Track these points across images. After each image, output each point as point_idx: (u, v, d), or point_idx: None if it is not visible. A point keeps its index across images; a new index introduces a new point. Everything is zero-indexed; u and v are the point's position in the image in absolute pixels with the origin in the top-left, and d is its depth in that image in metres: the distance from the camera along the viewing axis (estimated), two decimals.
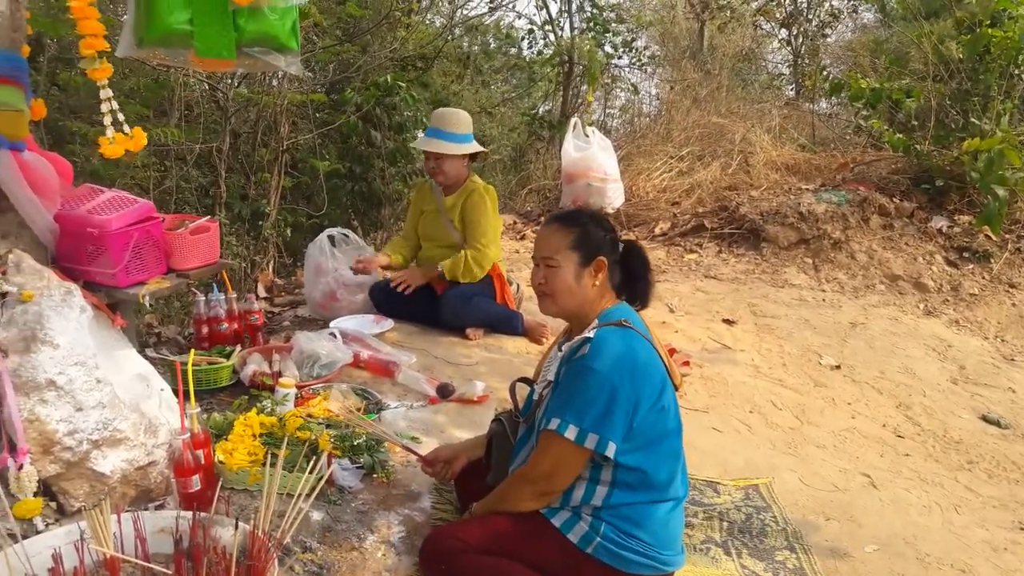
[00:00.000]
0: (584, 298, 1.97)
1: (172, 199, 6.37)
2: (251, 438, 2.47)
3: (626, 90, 9.98)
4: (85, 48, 2.26)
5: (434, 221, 4.01)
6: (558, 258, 1.96)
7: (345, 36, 7.88)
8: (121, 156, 2.44)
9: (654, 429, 1.88)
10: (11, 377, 1.97)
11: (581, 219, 2.02)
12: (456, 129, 3.84)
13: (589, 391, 1.80)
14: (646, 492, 1.89)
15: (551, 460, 1.85)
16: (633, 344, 1.87)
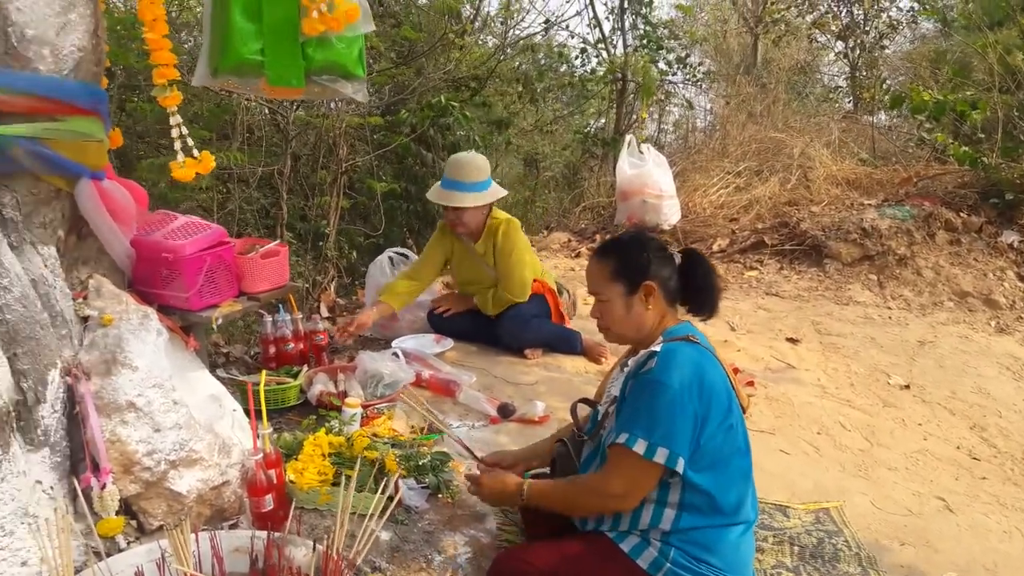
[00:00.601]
0: (641, 324, 1.95)
1: (234, 221, 6.54)
2: (320, 458, 2.50)
3: (680, 106, 9.93)
4: (158, 77, 2.35)
5: (470, 267, 3.98)
6: (604, 292, 1.97)
7: (400, 59, 8.01)
8: (191, 179, 2.51)
9: (722, 449, 1.84)
10: (93, 399, 2.04)
11: (616, 248, 2.01)
12: (473, 178, 3.69)
13: (657, 404, 1.77)
14: (715, 516, 1.85)
15: (624, 478, 1.81)
16: (700, 358, 1.84)
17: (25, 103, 1.97)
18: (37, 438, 1.98)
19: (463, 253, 3.95)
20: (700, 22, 11.79)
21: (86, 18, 2.09)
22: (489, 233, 3.82)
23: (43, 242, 2.10)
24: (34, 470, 1.95)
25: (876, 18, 10.18)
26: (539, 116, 9.84)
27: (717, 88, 10.41)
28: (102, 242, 2.33)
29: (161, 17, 2.28)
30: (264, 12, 2.23)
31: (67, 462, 2.07)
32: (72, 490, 2.05)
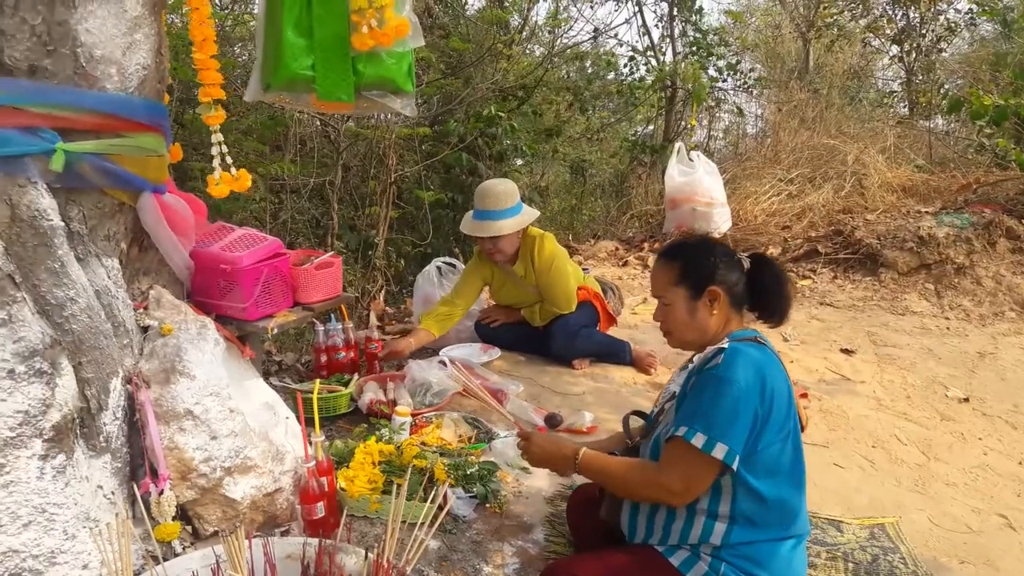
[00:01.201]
0: (704, 329, 1.93)
1: (287, 231, 6.67)
2: (371, 466, 2.54)
3: (730, 112, 9.83)
4: (203, 96, 2.42)
5: (511, 290, 3.98)
6: (667, 295, 1.95)
7: (449, 69, 8.09)
8: (225, 195, 2.58)
9: (778, 457, 1.81)
10: (153, 407, 2.10)
11: (683, 251, 1.98)
12: (504, 204, 3.66)
13: (720, 401, 1.74)
14: (767, 529, 1.82)
15: (681, 472, 1.77)
16: (766, 361, 1.81)
17: (92, 120, 2.04)
18: (99, 444, 2.05)
19: (503, 278, 3.95)
20: (751, 28, 11.65)
21: (150, 37, 2.16)
22: (525, 253, 3.79)
23: (107, 254, 2.18)
24: (96, 475, 2.02)
25: (933, 20, 9.95)
26: (587, 124, 9.84)
27: (768, 94, 10.28)
28: (163, 254, 2.41)
29: (210, 38, 2.35)
30: (315, 28, 2.28)
31: (127, 468, 2.14)
32: (131, 495, 2.11)
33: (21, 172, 1.89)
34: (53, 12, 1.94)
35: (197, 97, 5.98)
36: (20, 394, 1.78)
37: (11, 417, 1.76)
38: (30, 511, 1.79)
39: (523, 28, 9.00)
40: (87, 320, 2.01)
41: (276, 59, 2.34)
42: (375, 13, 2.23)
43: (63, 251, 1.98)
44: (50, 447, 1.84)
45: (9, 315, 1.79)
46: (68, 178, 2.01)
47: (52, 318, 1.94)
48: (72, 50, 1.99)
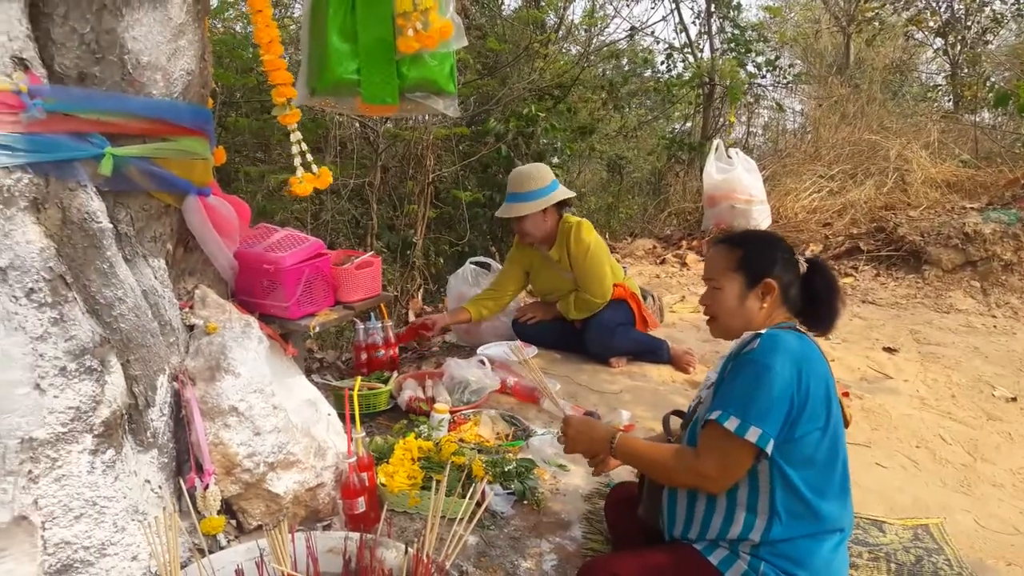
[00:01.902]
0: (749, 321, 1.91)
1: (327, 231, 6.76)
2: (410, 462, 2.57)
3: (769, 108, 9.71)
4: (277, 96, 2.45)
5: (548, 276, 3.99)
6: (721, 280, 1.92)
7: (485, 70, 8.12)
8: (308, 193, 2.62)
9: (818, 448, 1.78)
10: (198, 404, 2.15)
11: (749, 239, 1.96)
12: (528, 187, 3.74)
13: (755, 384, 1.73)
14: (807, 522, 1.79)
15: (717, 458, 1.76)
16: (804, 347, 1.79)
17: (139, 125, 2.10)
18: (147, 440, 2.11)
19: (540, 263, 3.98)
20: (790, 23, 11.49)
21: (194, 43, 2.22)
22: (562, 238, 3.83)
23: (153, 255, 2.24)
24: (143, 470, 2.07)
25: (978, 12, 9.70)
26: (623, 122, 9.79)
27: (808, 90, 10.14)
28: (207, 254, 2.47)
29: (276, 39, 2.39)
30: (359, 33, 2.31)
31: (173, 463, 2.19)
32: (178, 489, 2.17)
33: (72, 176, 1.95)
34: (101, 21, 2.00)
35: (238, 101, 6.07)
36: (71, 391, 1.84)
37: (63, 413, 1.82)
38: (81, 504, 1.85)
39: (559, 27, 9.00)
40: (135, 319, 2.07)
41: (321, 64, 2.38)
42: (420, 16, 2.26)
43: (112, 252, 2.04)
44: (100, 442, 1.90)
45: (61, 314, 1.85)
46: (116, 181, 2.07)
47: (101, 317, 2.00)
48: (119, 57, 2.04)
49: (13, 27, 1.82)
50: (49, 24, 1.96)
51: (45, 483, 1.79)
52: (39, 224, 1.86)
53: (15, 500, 1.75)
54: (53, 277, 1.84)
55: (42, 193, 1.88)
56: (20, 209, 1.81)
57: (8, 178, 1.78)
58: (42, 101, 1.84)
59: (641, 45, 9.73)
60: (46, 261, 1.84)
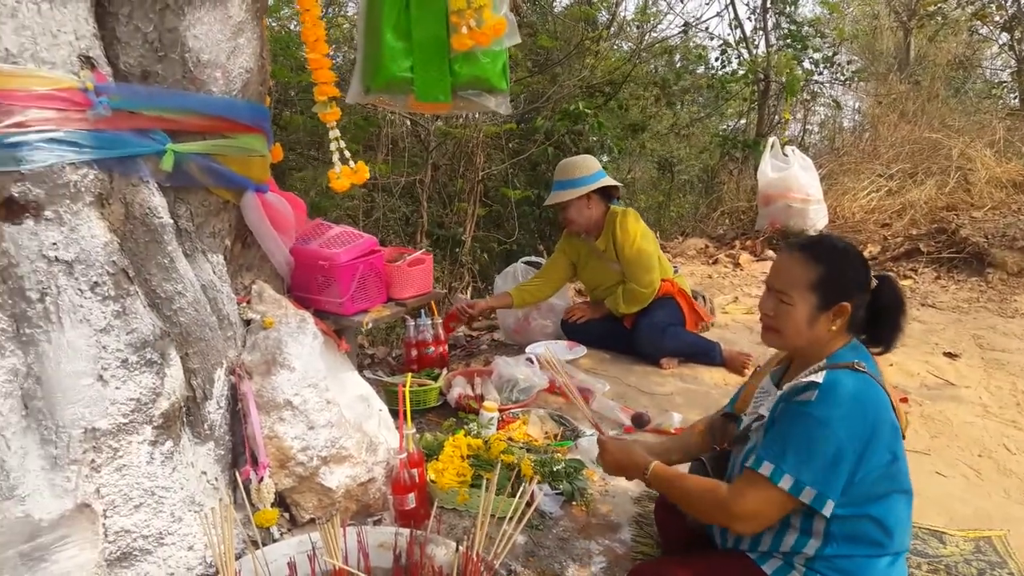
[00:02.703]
0: (815, 340, 1.79)
1: (379, 228, 6.83)
2: (459, 459, 2.57)
3: (826, 106, 9.50)
4: (319, 94, 2.49)
5: (595, 267, 3.98)
6: (793, 295, 1.76)
7: (536, 67, 8.11)
8: (346, 188, 2.65)
9: (880, 481, 1.71)
10: (254, 397, 2.18)
11: (831, 255, 1.78)
12: (571, 175, 3.80)
13: (813, 442, 1.63)
14: (865, 546, 1.74)
15: (754, 504, 1.70)
16: (864, 391, 1.68)
17: (199, 122, 2.14)
18: (204, 432, 2.15)
19: (587, 254, 3.98)
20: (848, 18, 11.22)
21: (253, 41, 2.25)
22: (608, 228, 3.84)
23: (212, 250, 2.28)
24: (200, 462, 2.11)
25: None
26: (675, 119, 9.69)
27: (866, 87, 9.89)
28: (264, 250, 2.51)
29: (322, 38, 2.42)
30: (413, 31, 2.32)
31: (229, 455, 2.23)
32: (233, 481, 2.20)
33: (134, 172, 2.00)
34: (164, 20, 2.04)
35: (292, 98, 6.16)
36: (133, 383, 1.88)
37: (124, 404, 1.87)
38: (141, 494, 1.89)
39: (611, 24, 8.94)
40: (194, 313, 2.11)
41: (376, 62, 2.40)
42: (474, 14, 2.26)
43: (172, 247, 2.08)
44: (159, 434, 1.94)
45: (123, 307, 1.89)
46: (177, 177, 2.11)
47: (162, 311, 2.05)
48: (181, 55, 2.08)
49: (81, 26, 1.87)
50: (114, 23, 2.01)
51: (107, 472, 1.84)
52: (103, 219, 1.91)
53: (78, 488, 1.79)
54: (116, 271, 1.89)
55: (106, 189, 1.92)
56: (86, 204, 1.86)
57: (75, 174, 1.83)
58: (108, 99, 1.89)
59: (694, 41, 9.59)
60: (110, 255, 1.88)
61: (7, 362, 1.77)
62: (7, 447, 1.74)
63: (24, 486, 1.74)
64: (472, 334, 4.77)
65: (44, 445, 1.79)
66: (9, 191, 1.75)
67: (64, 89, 1.81)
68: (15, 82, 1.74)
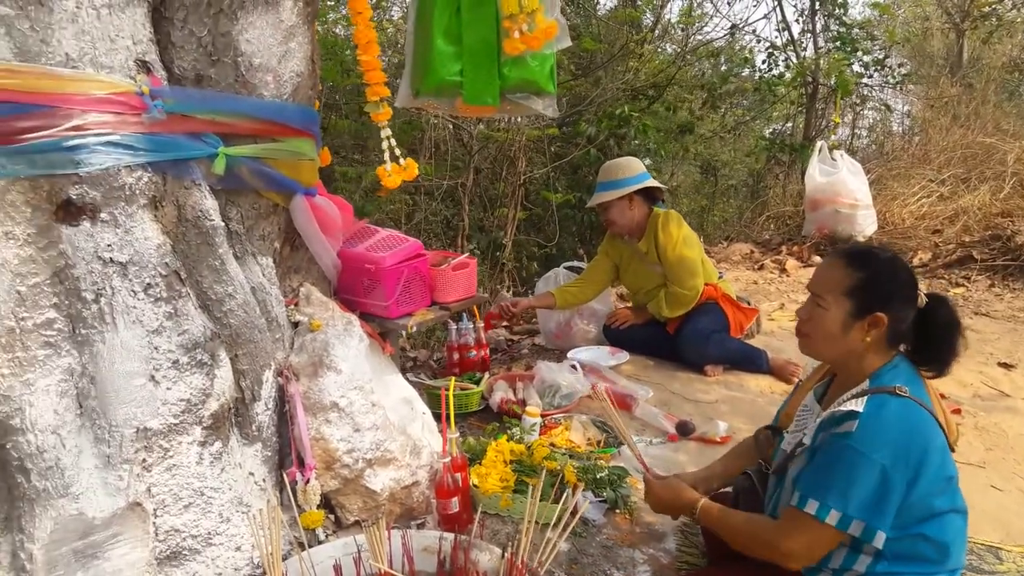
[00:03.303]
0: (847, 351, 1.75)
1: (420, 232, 6.86)
2: (502, 464, 2.56)
3: (875, 109, 9.31)
4: (371, 95, 2.51)
5: (637, 269, 3.95)
6: (828, 299, 1.74)
7: (579, 70, 8.08)
8: (397, 186, 2.67)
9: (933, 503, 1.66)
10: (301, 399, 2.20)
11: (873, 262, 1.74)
12: (613, 177, 3.80)
13: (856, 475, 1.59)
14: (918, 564, 1.69)
15: (801, 543, 1.67)
16: (911, 419, 1.63)
17: (250, 126, 2.16)
18: (252, 433, 2.16)
19: (630, 256, 3.96)
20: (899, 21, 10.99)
21: (304, 45, 2.27)
22: (650, 229, 3.82)
23: (262, 253, 2.30)
24: (248, 463, 2.13)
25: None
26: (721, 122, 9.58)
27: (916, 90, 9.67)
28: (312, 253, 2.52)
29: (374, 40, 2.44)
30: (464, 34, 2.33)
31: (276, 457, 2.25)
32: (279, 483, 2.22)
33: (187, 175, 2.02)
34: (218, 24, 2.07)
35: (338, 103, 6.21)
36: (183, 384, 1.90)
37: (175, 405, 1.89)
38: (190, 494, 1.92)
39: (655, 26, 8.87)
40: (244, 315, 2.13)
41: (426, 66, 2.41)
42: (526, 18, 2.26)
43: (223, 249, 2.10)
44: (208, 434, 1.96)
45: (175, 309, 1.92)
46: (228, 180, 2.14)
47: (212, 312, 2.07)
48: (233, 59, 2.11)
49: (138, 31, 1.90)
50: (169, 27, 2.04)
51: (157, 472, 1.86)
52: (157, 221, 1.93)
53: (130, 487, 1.82)
54: (169, 273, 1.91)
55: (160, 191, 1.95)
56: (140, 206, 1.89)
57: (130, 176, 1.86)
58: (162, 102, 1.91)
59: (739, 44, 9.48)
60: (162, 257, 1.91)
61: (63, 361, 1.80)
62: (62, 445, 1.77)
63: (78, 484, 1.77)
64: (513, 338, 4.76)
65: (97, 444, 1.81)
66: (67, 193, 1.79)
67: (121, 93, 1.84)
68: (74, 86, 1.77)
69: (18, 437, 1.74)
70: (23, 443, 1.74)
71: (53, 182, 1.77)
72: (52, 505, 1.75)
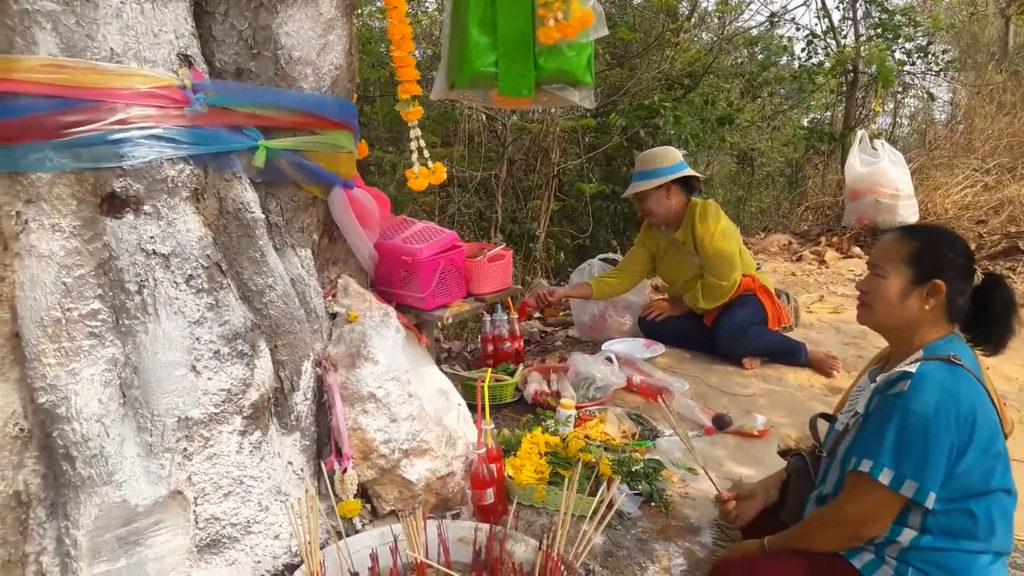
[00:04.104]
0: (905, 319, 1.78)
1: (453, 223, 6.88)
2: (537, 456, 2.56)
3: (917, 97, 9.11)
4: (402, 92, 2.50)
5: (673, 259, 3.91)
6: (887, 268, 1.79)
7: (614, 60, 8.02)
8: (423, 188, 2.66)
9: (982, 478, 1.66)
10: (339, 389, 2.21)
11: (928, 234, 1.82)
12: (651, 166, 3.75)
13: (908, 434, 1.62)
14: (964, 540, 1.67)
15: (862, 506, 1.69)
16: (961, 383, 1.65)
17: (290, 119, 2.17)
18: (290, 423, 2.19)
19: (666, 246, 3.92)
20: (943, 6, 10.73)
21: (343, 38, 2.27)
22: (687, 219, 3.77)
23: (301, 245, 2.32)
24: (287, 452, 2.16)
25: None
26: (760, 111, 9.44)
27: (960, 77, 9.45)
28: (350, 245, 2.54)
29: (408, 35, 2.43)
30: (499, 25, 2.31)
31: (314, 446, 2.27)
32: (317, 472, 2.24)
33: (228, 167, 2.04)
34: (258, 18, 2.08)
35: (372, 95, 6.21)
36: (224, 374, 1.93)
37: (216, 395, 1.91)
38: (230, 482, 1.94)
39: (691, 15, 8.77)
40: (283, 306, 2.15)
41: (461, 58, 2.40)
42: (562, 6, 2.24)
43: (263, 241, 2.12)
44: (248, 424, 1.98)
45: (216, 300, 1.94)
46: (268, 173, 2.15)
47: (252, 303, 2.09)
48: (273, 53, 2.12)
49: (180, 26, 1.92)
50: (211, 21, 2.06)
51: (198, 461, 1.89)
52: (198, 213, 1.96)
53: (171, 475, 1.85)
54: (210, 264, 1.94)
55: (202, 184, 1.97)
56: (182, 199, 1.91)
57: (172, 169, 1.88)
58: (204, 95, 1.93)
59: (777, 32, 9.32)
60: (204, 249, 1.93)
61: (107, 351, 1.84)
62: (106, 434, 1.80)
63: (121, 472, 1.80)
64: (546, 330, 4.76)
65: (140, 433, 1.85)
66: (111, 186, 1.81)
67: (164, 87, 1.86)
68: (119, 80, 1.80)
69: (64, 425, 1.77)
70: (68, 431, 1.77)
71: (98, 175, 1.80)
72: (96, 492, 1.78)
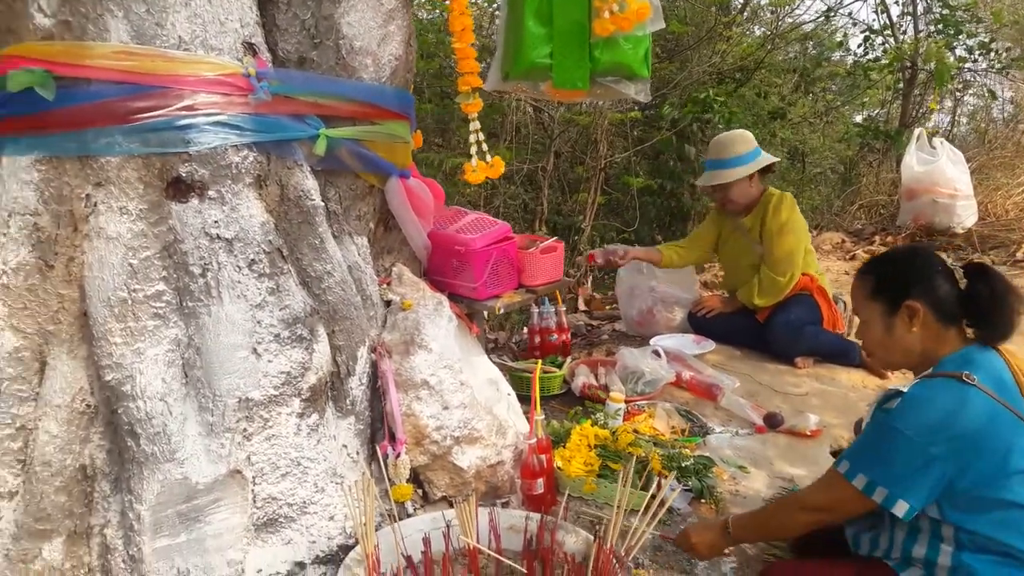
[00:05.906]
0: (904, 348, 1.78)
1: (498, 215, 6.89)
2: (587, 448, 2.57)
3: (977, 95, 8.85)
4: (463, 84, 2.50)
5: (736, 243, 3.85)
6: (862, 311, 1.85)
7: (665, 53, 7.94)
8: (480, 181, 2.67)
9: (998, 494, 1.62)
10: (393, 376, 2.24)
11: (882, 262, 1.88)
12: (732, 153, 3.63)
13: (887, 446, 1.66)
14: (1002, 559, 1.64)
15: (830, 497, 1.78)
16: (965, 405, 1.61)
17: (350, 108, 2.20)
18: (346, 407, 2.22)
19: (731, 229, 3.86)
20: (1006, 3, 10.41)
21: (402, 29, 2.29)
22: (760, 207, 3.69)
23: (358, 233, 2.35)
24: (342, 435, 2.19)
25: None
26: (812, 106, 9.27)
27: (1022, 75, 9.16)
28: (405, 234, 2.57)
29: (469, 27, 2.43)
30: (555, 16, 2.30)
31: (368, 430, 2.30)
32: (371, 456, 2.27)
33: (290, 155, 2.08)
34: (320, 7, 2.11)
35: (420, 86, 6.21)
36: (284, 357, 1.97)
37: (276, 377, 1.95)
38: (288, 463, 1.98)
39: (744, 8, 8.65)
40: (341, 292, 2.18)
41: (516, 49, 2.40)
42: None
43: (322, 228, 2.15)
44: (306, 407, 2.02)
45: (277, 285, 1.98)
46: (328, 162, 2.19)
47: (311, 289, 2.13)
48: (335, 42, 2.15)
49: (245, 14, 1.96)
50: (275, 11, 2.10)
51: (257, 441, 1.93)
52: (261, 200, 2.00)
53: (231, 455, 1.89)
54: (272, 250, 1.97)
55: (264, 171, 2.01)
56: (245, 185, 1.95)
57: (236, 156, 1.92)
58: (268, 84, 1.97)
59: (832, 26, 9.13)
60: (266, 234, 1.97)
61: (171, 332, 1.89)
62: (169, 412, 1.85)
63: (183, 450, 1.85)
64: (593, 324, 4.75)
65: (202, 412, 1.89)
66: (177, 171, 1.86)
67: (229, 74, 1.90)
68: (186, 68, 1.84)
69: (129, 403, 1.83)
70: (133, 409, 1.82)
71: (164, 160, 1.85)
72: (159, 469, 1.83)
